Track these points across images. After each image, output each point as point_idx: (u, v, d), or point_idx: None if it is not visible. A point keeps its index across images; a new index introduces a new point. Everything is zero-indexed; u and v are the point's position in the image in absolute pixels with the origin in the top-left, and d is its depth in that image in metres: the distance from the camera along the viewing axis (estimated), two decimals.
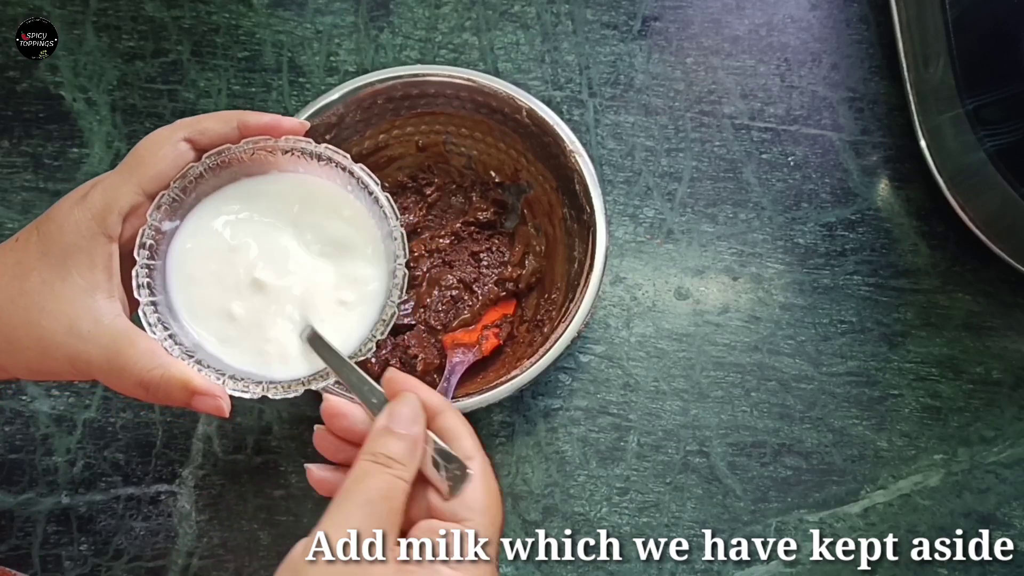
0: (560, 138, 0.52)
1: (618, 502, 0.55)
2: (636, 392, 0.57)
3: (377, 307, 0.42)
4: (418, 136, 0.57)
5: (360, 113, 0.53)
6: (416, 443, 0.36)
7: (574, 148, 0.51)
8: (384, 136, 0.56)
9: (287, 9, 0.65)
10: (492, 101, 0.53)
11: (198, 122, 0.41)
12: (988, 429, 0.58)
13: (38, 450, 0.54)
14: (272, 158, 0.43)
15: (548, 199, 0.56)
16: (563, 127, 0.52)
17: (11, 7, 0.64)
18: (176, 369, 0.38)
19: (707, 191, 0.62)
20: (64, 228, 0.37)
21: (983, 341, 0.59)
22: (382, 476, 0.34)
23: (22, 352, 0.37)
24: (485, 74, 0.53)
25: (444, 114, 0.55)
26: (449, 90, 0.53)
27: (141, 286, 0.39)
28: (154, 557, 0.52)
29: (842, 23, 0.67)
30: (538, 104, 0.52)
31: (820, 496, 0.56)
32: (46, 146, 0.60)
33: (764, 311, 0.59)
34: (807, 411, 0.57)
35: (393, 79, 0.52)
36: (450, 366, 0.52)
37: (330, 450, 0.39)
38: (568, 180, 0.52)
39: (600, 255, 0.50)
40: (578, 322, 0.49)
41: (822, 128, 0.64)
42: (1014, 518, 0.56)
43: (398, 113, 0.55)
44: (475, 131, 0.56)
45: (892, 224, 0.62)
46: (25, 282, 0.37)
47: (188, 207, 0.42)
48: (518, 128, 0.54)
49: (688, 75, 0.65)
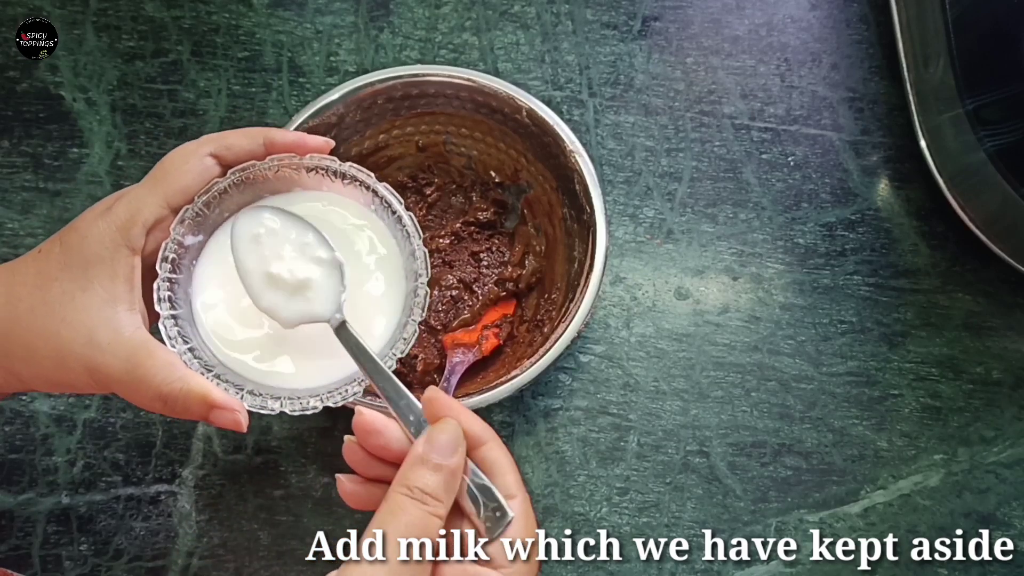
0: (560, 138, 0.52)
1: (618, 502, 0.55)
2: (636, 392, 0.57)
3: (397, 325, 0.42)
4: (418, 136, 0.56)
5: (360, 113, 0.53)
6: (455, 475, 0.34)
7: (574, 148, 0.51)
8: (384, 136, 0.56)
9: (287, 9, 0.65)
10: (492, 101, 0.53)
11: (224, 138, 0.41)
12: (988, 429, 0.58)
13: (38, 450, 0.54)
14: (296, 176, 0.43)
15: (548, 199, 0.56)
16: (563, 127, 0.52)
17: (11, 7, 0.64)
18: (195, 382, 0.37)
19: (707, 191, 0.62)
20: (87, 239, 0.37)
21: (983, 341, 0.59)
22: (415, 512, 0.33)
23: (40, 362, 0.37)
24: (485, 74, 0.53)
25: (444, 114, 0.55)
26: (449, 90, 0.53)
27: (162, 299, 0.40)
28: (154, 557, 0.52)
29: (842, 23, 0.67)
30: (538, 104, 0.52)
31: (820, 496, 0.56)
32: (46, 146, 0.60)
33: (764, 311, 0.59)
34: (807, 411, 0.57)
35: (393, 79, 0.52)
36: (450, 366, 0.52)
37: (361, 465, 0.37)
38: (568, 180, 0.52)
39: (600, 255, 0.50)
40: (578, 322, 0.49)
41: (822, 128, 0.64)
42: (1014, 518, 0.56)
43: (398, 113, 0.55)
44: (475, 131, 0.56)
45: (892, 224, 0.62)
46: (46, 292, 0.37)
47: (212, 223, 0.42)
48: (518, 128, 0.54)
49: (688, 75, 0.65)
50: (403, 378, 0.54)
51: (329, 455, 0.55)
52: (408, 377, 0.54)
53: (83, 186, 0.60)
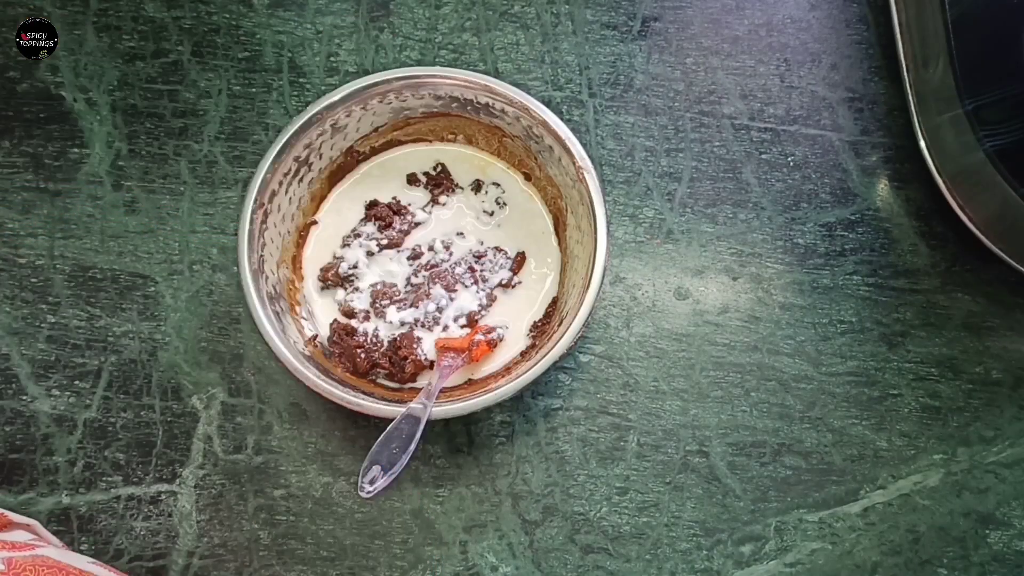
0: (572, 153, 0.52)
1: (618, 502, 0.55)
2: (636, 392, 0.57)
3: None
4: (426, 136, 0.57)
5: (366, 112, 0.54)
6: None
7: (583, 164, 0.51)
8: (394, 134, 0.56)
9: (287, 9, 0.65)
10: (507, 107, 0.53)
11: None
12: (987, 429, 0.58)
13: (39, 450, 0.54)
14: None
15: (554, 206, 0.56)
16: (575, 143, 0.52)
17: (11, 7, 0.64)
18: None
19: (707, 191, 0.62)
20: None
21: (982, 341, 0.59)
22: None
23: None
24: (501, 81, 0.53)
25: (452, 116, 0.56)
26: (458, 92, 0.54)
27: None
28: (154, 557, 0.52)
29: (842, 23, 0.67)
30: (551, 116, 0.52)
31: (820, 496, 0.56)
32: (47, 146, 0.60)
33: (764, 311, 0.59)
34: (807, 411, 0.57)
35: (403, 79, 0.53)
36: (438, 369, 0.53)
37: None
38: (574, 191, 0.53)
39: (600, 260, 0.50)
40: (578, 324, 0.49)
41: (822, 128, 0.64)
42: (1013, 518, 0.56)
43: (408, 113, 0.55)
44: (482, 135, 0.57)
45: (891, 224, 0.62)
46: None
47: None
48: (529, 137, 0.54)
49: (688, 75, 0.65)
50: (392, 378, 0.54)
51: (329, 455, 0.55)
52: (397, 377, 0.54)
53: (83, 186, 0.60)
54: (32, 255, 0.58)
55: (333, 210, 0.58)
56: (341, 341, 0.54)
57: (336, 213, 0.57)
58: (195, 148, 0.61)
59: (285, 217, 0.54)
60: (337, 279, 0.56)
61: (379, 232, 0.57)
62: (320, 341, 0.54)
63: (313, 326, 0.55)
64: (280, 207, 0.53)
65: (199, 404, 0.55)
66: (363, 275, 0.56)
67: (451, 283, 0.55)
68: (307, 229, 0.57)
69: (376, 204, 0.57)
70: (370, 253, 0.56)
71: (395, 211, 0.57)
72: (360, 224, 0.57)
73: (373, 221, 0.57)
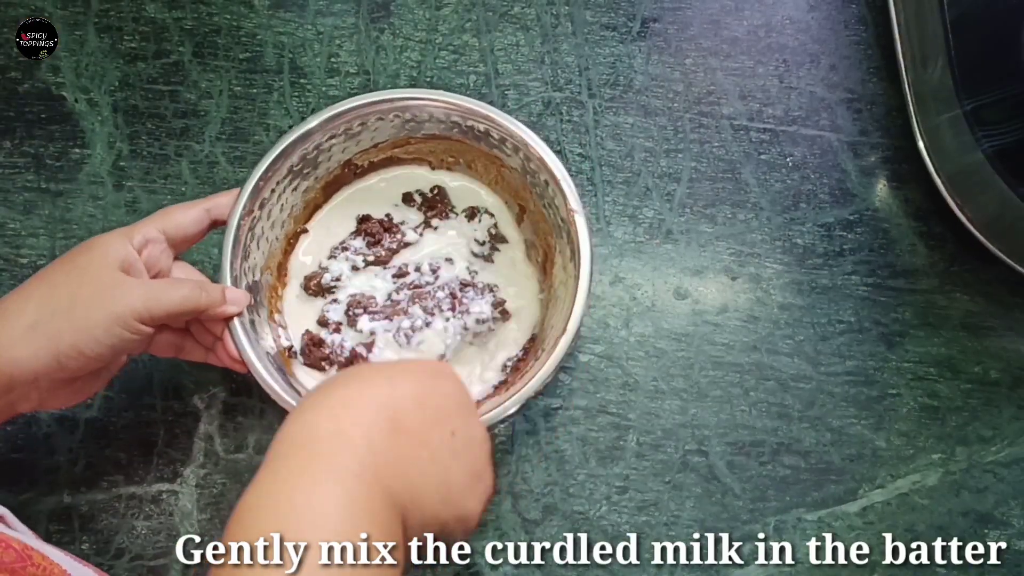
0: (564, 194, 0.50)
1: (617, 501, 0.55)
2: (635, 391, 0.57)
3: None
4: (427, 157, 0.57)
5: (366, 128, 0.53)
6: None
7: (575, 207, 0.50)
8: (394, 151, 0.56)
9: (288, 11, 0.65)
10: (507, 138, 0.52)
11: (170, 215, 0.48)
12: (986, 428, 0.58)
13: (40, 449, 0.54)
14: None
15: (544, 242, 0.55)
16: (569, 184, 0.50)
17: (12, 7, 0.64)
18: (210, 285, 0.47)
19: (706, 192, 0.62)
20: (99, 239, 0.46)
21: (981, 341, 0.60)
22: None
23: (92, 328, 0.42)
24: (505, 113, 0.51)
25: (453, 140, 0.55)
26: (457, 118, 0.52)
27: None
28: (155, 556, 0.53)
29: (840, 24, 0.67)
30: (550, 154, 0.50)
31: (818, 495, 0.56)
32: (48, 147, 0.61)
33: (763, 311, 0.59)
34: (805, 410, 0.57)
35: (404, 99, 0.52)
36: None
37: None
38: (564, 232, 0.51)
39: (580, 306, 0.48)
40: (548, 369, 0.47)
41: (820, 129, 0.64)
42: (1012, 517, 0.56)
43: (403, 134, 0.55)
44: (482, 163, 0.56)
45: (890, 224, 0.62)
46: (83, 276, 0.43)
47: None
48: (526, 171, 0.53)
49: (687, 76, 0.65)
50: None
51: None
52: None
53: (85, 187, 0.60)
54: (34, 255, 0.58)
55: (325, 221, 0.57)
56: (310, 352, 0.53)
57: (327, 224, 0.57)
58: (196, 149, 0.61)
59: (275, 224, 0.53)
60: (319, 289, 0.55)
61: (367, 248, 0.56)
62: (295, 350, 0.54)
63: (288, 335, 0.54)
64: (271, 214, 0.52)
65: (200, 403, 0.56)
66: (344, 288, 0.55)
67: (430, 307, 0.54)
68: (296, 237, 0.56)
69: (368, 219, 0.56)
70: (355, 268, 0.56)
71: (386, 228, 0.56)
72: (350, 238, 0.56)
73: (363, 236, 0.56)
